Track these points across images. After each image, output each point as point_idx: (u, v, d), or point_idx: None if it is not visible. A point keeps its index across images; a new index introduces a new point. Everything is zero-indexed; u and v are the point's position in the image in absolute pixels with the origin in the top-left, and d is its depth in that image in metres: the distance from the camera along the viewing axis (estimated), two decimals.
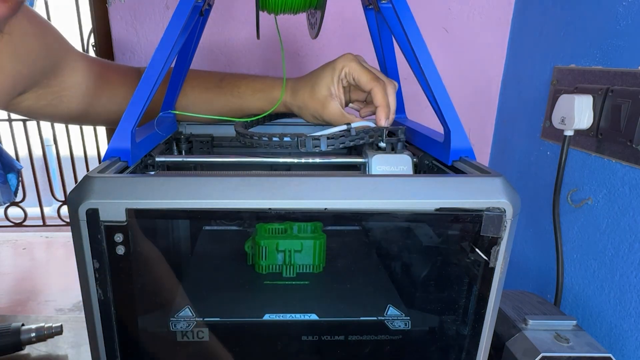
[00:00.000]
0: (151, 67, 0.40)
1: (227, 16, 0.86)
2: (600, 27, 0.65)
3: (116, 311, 0.36)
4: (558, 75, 0.73)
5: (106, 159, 0.39)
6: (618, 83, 0.60)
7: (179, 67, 0.54)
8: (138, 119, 0.40)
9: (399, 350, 0.43)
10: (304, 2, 0.47)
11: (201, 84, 0.60)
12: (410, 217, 0.36)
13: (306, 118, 0.56)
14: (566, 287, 0.71)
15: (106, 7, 0.84)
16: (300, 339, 0.42)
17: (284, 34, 0.87)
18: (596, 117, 0.62)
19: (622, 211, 0.61)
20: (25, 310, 0.92)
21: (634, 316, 0.59)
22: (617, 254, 0.62)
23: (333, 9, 0.85)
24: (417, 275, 0.42)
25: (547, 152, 0.77)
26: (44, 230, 1.52)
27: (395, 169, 0.45)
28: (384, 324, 0.43)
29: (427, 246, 0.39)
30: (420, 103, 0.53)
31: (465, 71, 0.92)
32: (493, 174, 0.37)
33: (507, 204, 0.35)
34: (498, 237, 0.36)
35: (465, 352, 0.41)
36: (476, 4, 0.88)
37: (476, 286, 0.38)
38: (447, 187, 0.35)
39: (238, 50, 0.89)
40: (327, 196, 0.34)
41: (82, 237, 0.33)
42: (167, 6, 0.85)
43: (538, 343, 0.54)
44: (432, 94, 0.42)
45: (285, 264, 0.48)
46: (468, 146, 0.42)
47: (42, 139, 1.62)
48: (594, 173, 0.65)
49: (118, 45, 0.87)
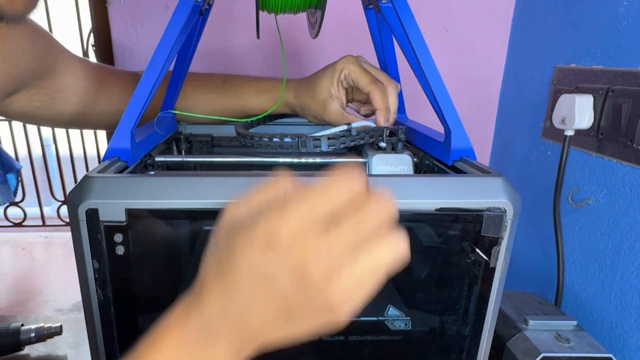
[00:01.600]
0: (151, 67, 0.40)
1: (227, 16, 0.86)
2: (601, 26, 0.65)
3: (116, 311, 0.36)
4: (559, 75, 0.73)
5: (106, 158, 0.39)
6: (619, 83, 0.60)
7: (178, 67, 0.54)
8: (138, 119, 0.40)
9: (399, 350, 0.43)
10: (304, 2, 0.47)
11: (203, 85, 0.60)
12: (410, 217, 0.35)
13: (308, 118, 0.56)
14: (567, 287, 0.71)
15: (106, 7, 0.84)
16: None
17: (284, 34, 0.87)
18: (597, 117, 0.62)
19: (623, 211, 0.60)
20: (24, 311, 0.92)
21: (634, 316, 0.59)
22: (618, 254, 0.62)
23: (333, 8, 0.85)
24: (418, 275, 0.42)
25: (548, 152, 0.77)
26: (44, 230, 1.52)
27: (395, 169, 0.45)
28: (384, 324, 0.42)
29: (428, 246, 0.39)
30: (421, 103, 0.52)
31: (465, 71, 0.92)
32: (493, 174, 0.37)
33: (508, 204, 0.35)
34: (498, 237, 0.36)
35: (466, 353, 0.41)
36: (476, 4, 0.88)
37: (477, 286, 0.38)
38: (448, 187, 0.35)
39: (238, 50, 0.88)
40: None
41: (81, 237, 0.33)
42: (167, 6, 0.85)
43: (539, 343, 0.54)
44: (432, 93, 0.42)
45: None
46: (468, 146, 0.42)
47: (41, 138, 1.62)
48: (595, 173, 0.65)
49: (118, 45, 0.87)
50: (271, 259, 0.21)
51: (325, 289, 0.21)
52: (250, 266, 0.21)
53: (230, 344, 0.23)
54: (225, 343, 0.23)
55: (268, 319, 0.22)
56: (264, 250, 0.21)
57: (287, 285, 0.21)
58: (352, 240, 0.21)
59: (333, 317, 0.22)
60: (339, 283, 0.21)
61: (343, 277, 0.21)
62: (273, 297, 0.22)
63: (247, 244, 0.21)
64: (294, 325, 0.23)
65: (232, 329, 0.23)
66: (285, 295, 0.21)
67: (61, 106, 0.56)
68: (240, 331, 0.23)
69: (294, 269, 0.21)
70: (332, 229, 0.21)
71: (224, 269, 0.22)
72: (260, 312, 0.22)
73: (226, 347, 0.23)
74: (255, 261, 0.21)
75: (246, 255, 0.22)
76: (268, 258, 0.21)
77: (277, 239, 0.21)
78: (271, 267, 0.21)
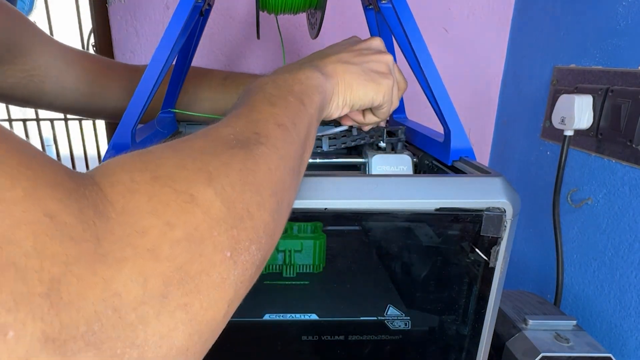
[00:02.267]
0: (151, 67, 0.40)
1: (227, 16, 0.86)
2: (600, 27, 0.65)
3: None
4: (558, 75, 0.73)
5: (106, 158, 0.39)
6: (618, 83, 0.60)
7: (179, 67, 0.54)
8: (139, 119, 0.40)
9: (399, 350, 0.43)
10: (304, 2, 0.47)
11: (204, 82, 0.60)
12: (410, 217, 0.36)
13: None
14: (566, 287, 0.71)
15: (106, 7, 0.84)
16: (300, 339, 0.42)
17: (284, 34, 0.87)
18: (596, 117, 0.62)
19: (622, 211, 0.61)
20: None
21: (634, 316, 0.59)
22: (617, 253, 0.62)
23: (333, 9, 0.85)
24: (417, 275, 0.42)
25: (547, 152, 0.77)
26: None
27: (395, 169, 0.45)
28: (384, 323, 0.43)
29: (427, 246, 0.39)
30: (420, 103, 0.53)
31: (465, 71, 0.92)
32: (493, 173, 0.37)
33: (507, 203, 0.35)
34: (498, 237, 0.36)
35: (465, 352, 0.41)
36: (476, 4, 0.88)
37: (476, 286, 0.38)
38: (447, 187, 0.35)
39: (238, 50, 0.89)
40: (327, 196, 0.34)
41: None
42: (167, 6, 0.85)
43: (538, 343, 0.54)
44: (432, 94, 0.42)
45: (285, 263, 0.48)
46: (468, 146, 0.42)
47: (42, 138, 1.62)
48: (594, 173, 0.66)
49: (118, 45, 0.87)
50: (343, 50, 0.41)
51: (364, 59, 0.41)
52: (331, 52, 0.41)
53: (314, 66, 0.37)
54: (310, 67, 0.36)
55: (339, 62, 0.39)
56: (339, 49, 0.42)
57: (349, 57, 0.40)
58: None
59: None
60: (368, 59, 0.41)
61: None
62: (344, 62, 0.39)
63: (333, 47, 0.43)
64: (354, 67, 0.39)
65: (313, 59, 0.39)
66: (349, 60, 0.40)
67: (40, 85, 0.56)
68: (320, 57, 0.39)
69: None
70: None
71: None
72: (334, 59, 0.39)
73: (312, 68, 0.36)
74: (335, 50, 0.42)
75: (328, 51, 0.42)
76: (342, 49, 0.42)
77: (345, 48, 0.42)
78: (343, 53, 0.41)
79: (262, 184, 0.23)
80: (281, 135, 0.27)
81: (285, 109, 0.29)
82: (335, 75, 0.38)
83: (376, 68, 0.40)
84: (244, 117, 0.27)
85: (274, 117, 0.28)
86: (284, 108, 0.29)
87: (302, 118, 0.30)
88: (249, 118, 0.27)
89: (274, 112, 0.28)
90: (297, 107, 0.30)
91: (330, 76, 0.37)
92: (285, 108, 0.29)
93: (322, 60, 0.39)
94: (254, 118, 0.27)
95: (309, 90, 0.33)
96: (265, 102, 0.29)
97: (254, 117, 0.27)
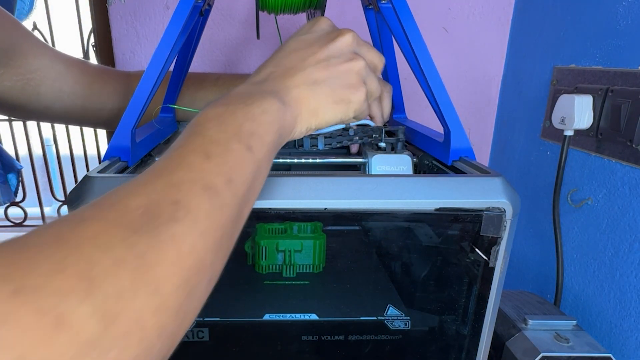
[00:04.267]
0: (151, 67, 0.40)
1: (227, 16, 0.86)
2: (600, 27, 0.65)
3: None
4: (558, 75, 0.73)
5: (106, 158, 0.39)
6: (618, 83, 0.60)
7: (179, 67, 0.54)
8: (138, 119, 0.40)
9: (398, 350, 0.43)
10: (304, 2, 0.47)
11: (196, 83, 0.61)
12: (410, 217, 0.36)
13: None
14: (566, 287, 0.71)
15: (106, 7, 0.84)
16: (300, 339, 0.42)
17: (284, 34, 0.87)
18: (596, 117, 0.62)
19: (622, 211, 0.61)
20: None
21: (633, 316, 0.59)
22: (617, 253, 0.62)
23: (333, 9, 0.85)
24: (417, 275, 0.42)
25: (547, 152, 0.77)
26: None
27: (395, 169, 0.45)
28: (383, 323, 0.43)
29: (427, 246, 0.39)
30: (420, 103, 0.53)
31: (465, 71, 0.92)
32: (493, 173, 0.37)
33: (507, 203, 0.35)
34: (498, 237, 0.36)
35: (465, 352, 0.41)
36: (476, 4, 0.88)
37: (476, 286, 0.38)
38: (447, 187, 0.35)
39: (238, 50, 0.89)
40: (327, 196, 0.34)
41: None
42: (167, 6, 0.85)
43: (538, 343, 0.54)
44: (432, 94, 0.42)
45: (285, 264, 0.48)
46: (468, 146, 0.42)
47: (42, 138, 1.62)
48: (594, 173, 0.66)
49: (118, 45, 0.87)
50: (302, 40, 0.38)
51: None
52: (291, 43, 0.38)
53: (274, 86, 0.34)
54: (270, 90, 0.33)
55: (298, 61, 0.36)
56: (298, 38, 0.38)
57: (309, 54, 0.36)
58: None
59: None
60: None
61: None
62: (300, 57, 0.36)
63: (292, 40, 0.38)
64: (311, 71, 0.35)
65: (276, 76, 0.35)
66: (307, 56, 0.36)
67: (36, 89, 0.56)
68: (284, 75, 0.35)
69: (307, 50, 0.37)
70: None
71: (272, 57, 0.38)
72: (294, 58, 0.36)
73: (272, 96, 0.32)
74: (294, 42, 0.38)
75: (289, 42, 0.38)
76: (309, 54, 0.36)
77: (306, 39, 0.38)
78: (301, 43, 0.37)
79: (165, 279, 0.20)
80: (207, 203, 0.23)
81: (222, 161, 0.25)
82: (299, 104, 0.34)
83: (347, 81, 0.36)
84: (166, 175, 0.23)
85: (203, 178, 0.24)
86: (222, 160, 0.25)
87: (244, 168, 0.26)
88: (172, 179, 0.23)
89: (205, 169, 0.24)
90: (241, 155, 0.26)
91: (292, 105, 0.33)
92: (224, 160, 0.25)
93: (285, 82, 0.34)
94: (178, 179, 0.23)
95: (261, 130, 0.29)
96: (200, 153, 0.25)
97: (179, 178, 0.23)
